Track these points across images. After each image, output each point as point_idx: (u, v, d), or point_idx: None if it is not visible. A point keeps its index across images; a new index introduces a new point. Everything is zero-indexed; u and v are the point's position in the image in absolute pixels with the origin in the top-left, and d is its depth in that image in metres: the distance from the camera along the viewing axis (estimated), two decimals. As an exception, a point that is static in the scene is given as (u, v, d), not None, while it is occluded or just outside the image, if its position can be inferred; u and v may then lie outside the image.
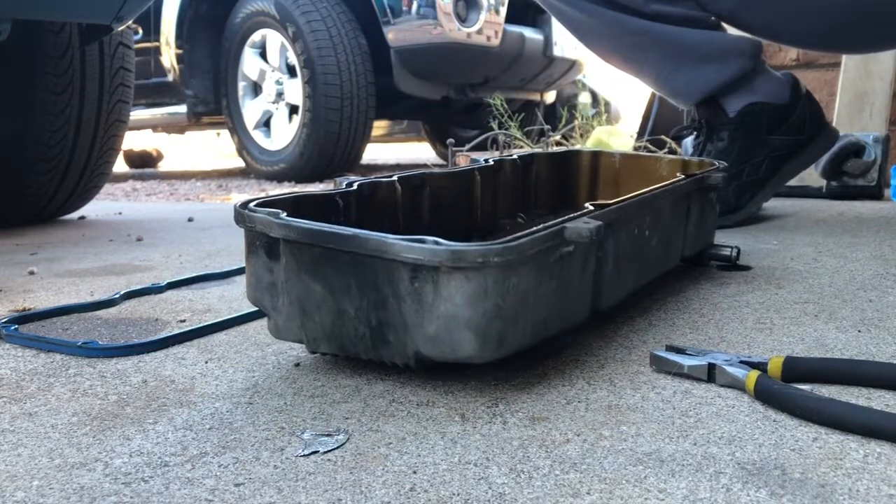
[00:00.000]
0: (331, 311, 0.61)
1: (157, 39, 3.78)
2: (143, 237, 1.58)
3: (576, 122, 3.11)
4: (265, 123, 3.68)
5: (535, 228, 0.60)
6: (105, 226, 1.86)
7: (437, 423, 0.55)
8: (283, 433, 0.54)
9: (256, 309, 0.71)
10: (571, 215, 0.65)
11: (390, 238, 0.57)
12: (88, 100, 1.80)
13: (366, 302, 0.59)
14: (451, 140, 2.05)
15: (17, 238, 1.63)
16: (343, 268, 0.60)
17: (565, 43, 3.78)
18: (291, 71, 3.45)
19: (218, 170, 5.04)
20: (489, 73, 3.56)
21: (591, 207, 0.68)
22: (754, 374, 0.58)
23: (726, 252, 1.01)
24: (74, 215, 2.06)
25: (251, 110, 3.69)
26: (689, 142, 1.89)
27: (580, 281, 0.67)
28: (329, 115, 3.30)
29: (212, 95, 3.85)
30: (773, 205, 1.68)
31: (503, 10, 3.41)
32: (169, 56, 3.78)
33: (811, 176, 1.81)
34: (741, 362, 0.61)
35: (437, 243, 0.55)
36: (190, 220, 1.90)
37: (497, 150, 2.24)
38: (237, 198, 2.83)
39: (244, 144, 3.71)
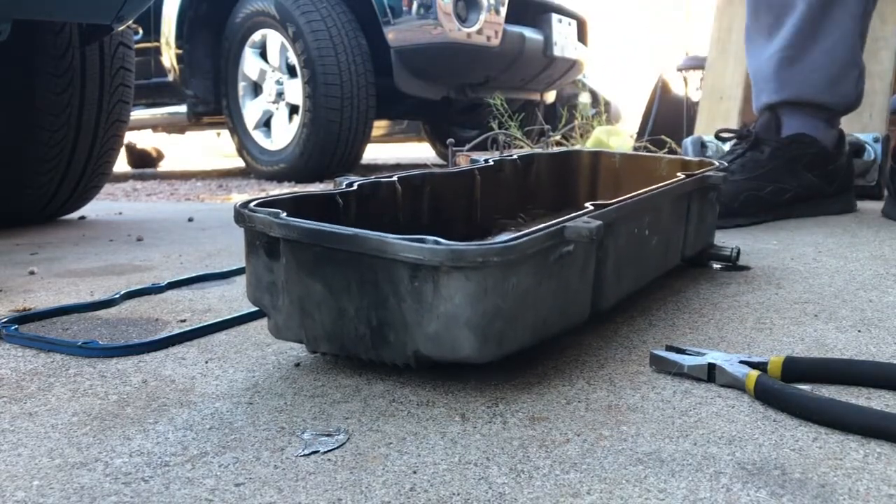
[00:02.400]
0: (331, 311, 0.61)
1: (157, 39, 3.78)
2: (143, 237, 1.58)
3: (576, 122, 3.11)
4: (265, 123, 3.68)
5: (535, 228, 0.60)
6: (105, 226, 1.86)
7: (437, 423, 0.55)
8: (284, 433, 0.54)
9: (256, 309, 0.71)
10: (571, 215, 0.65)
11: (390, 237, 0.57)
12: (88, 100, 1.80)
13: (366, 301, 0.59)
14: (451, 140, 2.05)
15: (17, 238, 1.63)
16: (343, 267, 0.60)
17: (565, 43, 3.78)
18: (291, 71, 3.45)
19: (218, 170, 5.04)
20: (489, 73, 3.56)
21: (592, 207, 0.68)
22: (754, 374, 0.58)
23: (726, 252, 1.01)
24: (74, 215, 2.06)
25: (251, 110, 3.69)
26: (688, 143, 1.89)
27: (580, 281, 0.67)
28: (329, 115, 3.30)
29: (212, 95, 3.84)
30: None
31: (503, 10, 3.41)
32: (169, 56, 3.78)
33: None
34: (741, 362, 0.61)
35: (437, 243, 0.55)
36: (190, 220, 1.90)
37: (497, 150, 2.24)
38: (237, 198, 2.83)
39: (244, 144, 3.71)
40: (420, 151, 6.01)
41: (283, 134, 3.55)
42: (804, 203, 1.48)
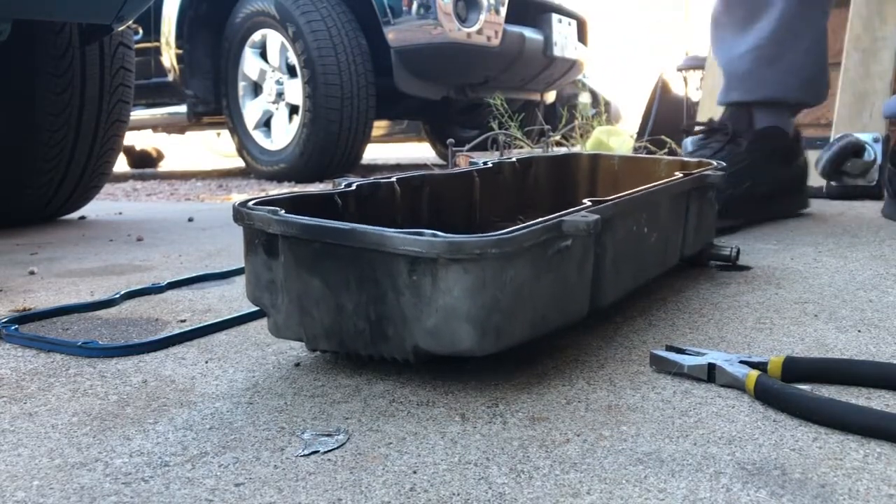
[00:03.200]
0: (330, 307, 0.61)
1: (157, 39, 3.78)
2: (143, 237, 1.58)
3: (576, 122, 3.11)
4: (265, 123, 3.68)
5: (532, 222, 0.60)
6: (105, 226, 1.86)
7: (437, 423, 0.55)
8: (284, 433, 0.54)
9: (256, 309, 0.71)
10: (569, 210, 0.65)
11: (388, 231, 0.57)
12: (88, 100, 1.80)
13: (364, 297, 0.60)
14: (451, 140, 2.04)
15: (17, 238, 1.63)
16: (341, 263, 0.60)
17: (565, 43, 3.78)
18: (291, 71, 3.45)
19: (218, 170, 5.04)
20: (489, 73, 3.56)
21: (589, 203, 0.68)
22: (754, 374, 0.58)
23: (726, 252, 1.01)
24: (74, 215, 2.05)
25: (251, 110, 3.69)
26: (688, 142, 1.89)
27: (579, 276, 0.67)
28: (329, 115, 3.30)
29: (212, 95, 3.84)
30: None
31: (503, 10, 3.41)
32: (169, 56, 3.78)
33: (811, 176, 1.81)
34: (741, 362, 0.61)
35: (434, 235, 0.56)
36: (190, 220, 1.90)
37: (497, 150, 2.24)
38: (237, 198, 2.83)
39: (244, 144, 3.71)
40: (420, 151, 6.01)
41: (283, 134, 3.55)
42: (772, 200, 1.45)
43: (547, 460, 0.49)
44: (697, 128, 1.52)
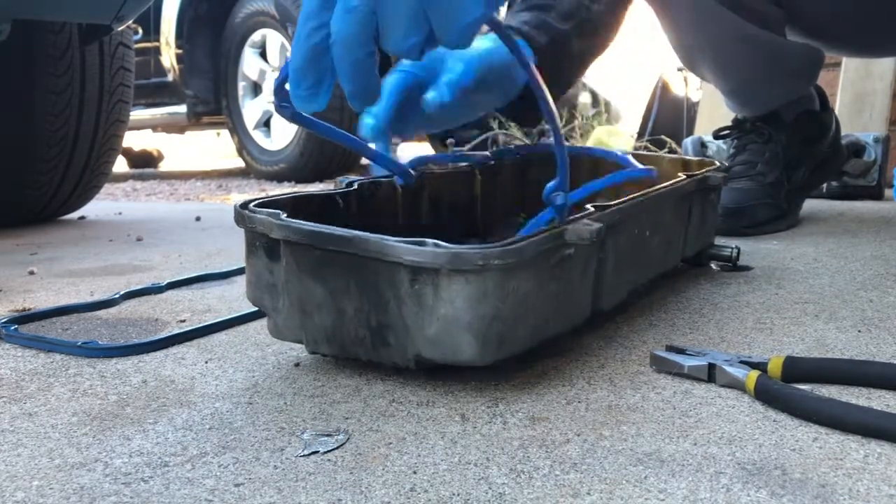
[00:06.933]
0: (331, 313, 0.61)
1: (157, 39, 3.78)
2: (143, 237, 1.58)
3: (576, 122, 3.11)
4: (265, 123, 3.68)
5: (535, 231, 0.60)
6: (105, 226, 1.86)
7: (437, 423, 0.55)
8: (283, 433, 0.54)
9: (256, 309, 0.71)
10: (572, 217, 0.65)
11: (391, 240, 0.57)
12: (88, 100, 1.80)
13: (366, 304, 0.59)
14: (451, 140, 2.04)
15: (17, 238, 1.63)
16: (343, 269, 0.60)
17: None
18: (291, 71, 3.45)
19: (218, 170, 5.04)
20: (489, 73, 3.56)
21: (592, 209, 0.68)
22: (754, 374, 0.58)
23: (726, 252, 1.01)
24: (74, 215, 2.05)
25: (251, 110, 3.69)
26: (688, 142, 1.89)
27: (581, 282, 0.67)
28: (329, 115, 3.30)
29: (212, 95, 3.84)
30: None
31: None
32: (169, 56, 3.78)
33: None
34: (741, 362, 0.61)
35: (437, 246, 0.55)
36: (197, 219, 1.89)
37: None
38: (237, 198, 2.83)
39: (244, 144, 3.71)
40: (420, 152, 6.01)
41: (283, 134, 3.55)
42: (817, 173, 1.45)
43: (547, 460, 0.49)
44: (725, 132, 1.49)
